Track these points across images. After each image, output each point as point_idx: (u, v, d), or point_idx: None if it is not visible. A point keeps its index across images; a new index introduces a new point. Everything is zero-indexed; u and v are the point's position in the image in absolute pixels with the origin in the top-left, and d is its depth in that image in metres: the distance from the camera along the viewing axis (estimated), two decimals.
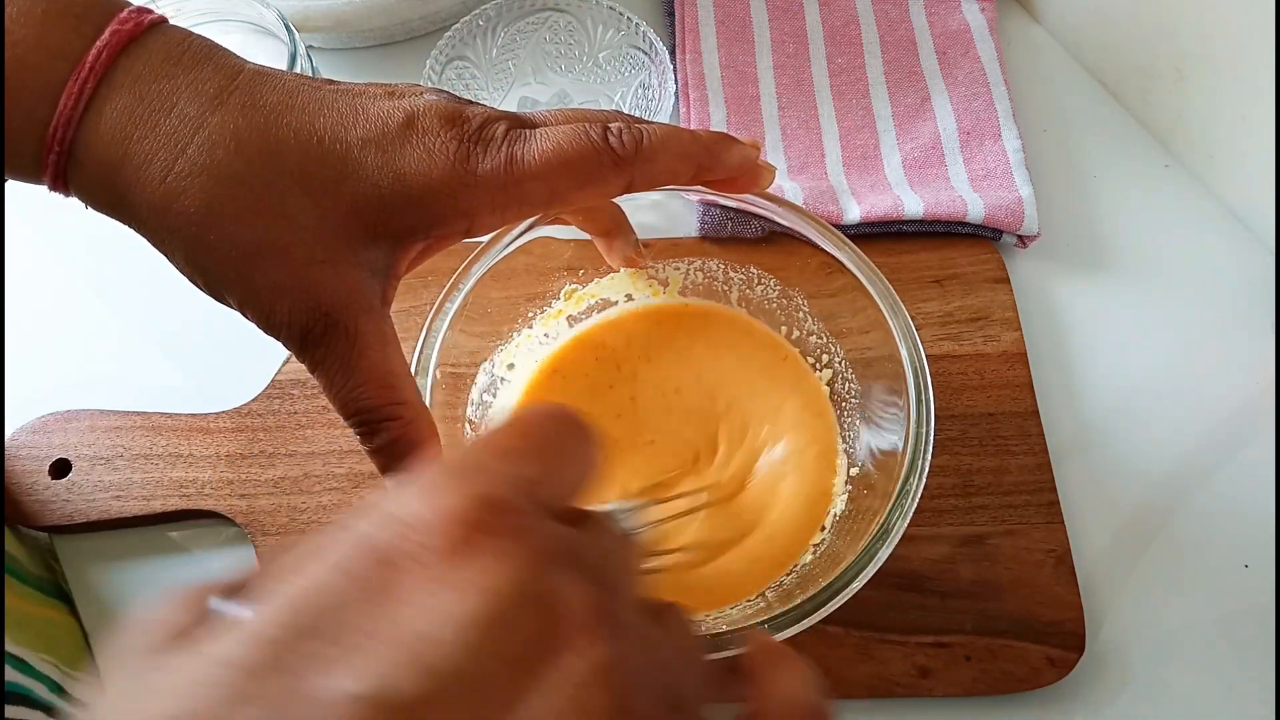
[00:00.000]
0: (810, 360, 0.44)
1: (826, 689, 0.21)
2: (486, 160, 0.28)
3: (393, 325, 0.30)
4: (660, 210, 0.45)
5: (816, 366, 0.44)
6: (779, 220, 0.40)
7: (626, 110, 0.53)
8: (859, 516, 0.37)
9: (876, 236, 0.49)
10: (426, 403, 0.35)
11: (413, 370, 0.35)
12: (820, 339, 0.43)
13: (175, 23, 0.29)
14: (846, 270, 0.39)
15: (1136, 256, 0.50)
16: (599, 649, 0.16)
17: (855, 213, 0.49)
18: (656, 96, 0.53)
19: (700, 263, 0.45)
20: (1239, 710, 0.39)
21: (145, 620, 0.16)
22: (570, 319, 0.45)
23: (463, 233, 0.30)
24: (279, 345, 0.29)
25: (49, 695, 0.38)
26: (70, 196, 0.29)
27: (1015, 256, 0.50)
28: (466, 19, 0.54)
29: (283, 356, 0.47)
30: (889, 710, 0.39)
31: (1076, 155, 0.54)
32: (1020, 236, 0.49)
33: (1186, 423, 0.45)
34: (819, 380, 0.43)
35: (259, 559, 0.42)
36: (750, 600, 0.38)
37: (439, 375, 0.38)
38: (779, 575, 0.39)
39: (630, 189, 0.31)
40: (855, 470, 0.40)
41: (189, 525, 0.44)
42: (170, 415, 0.45)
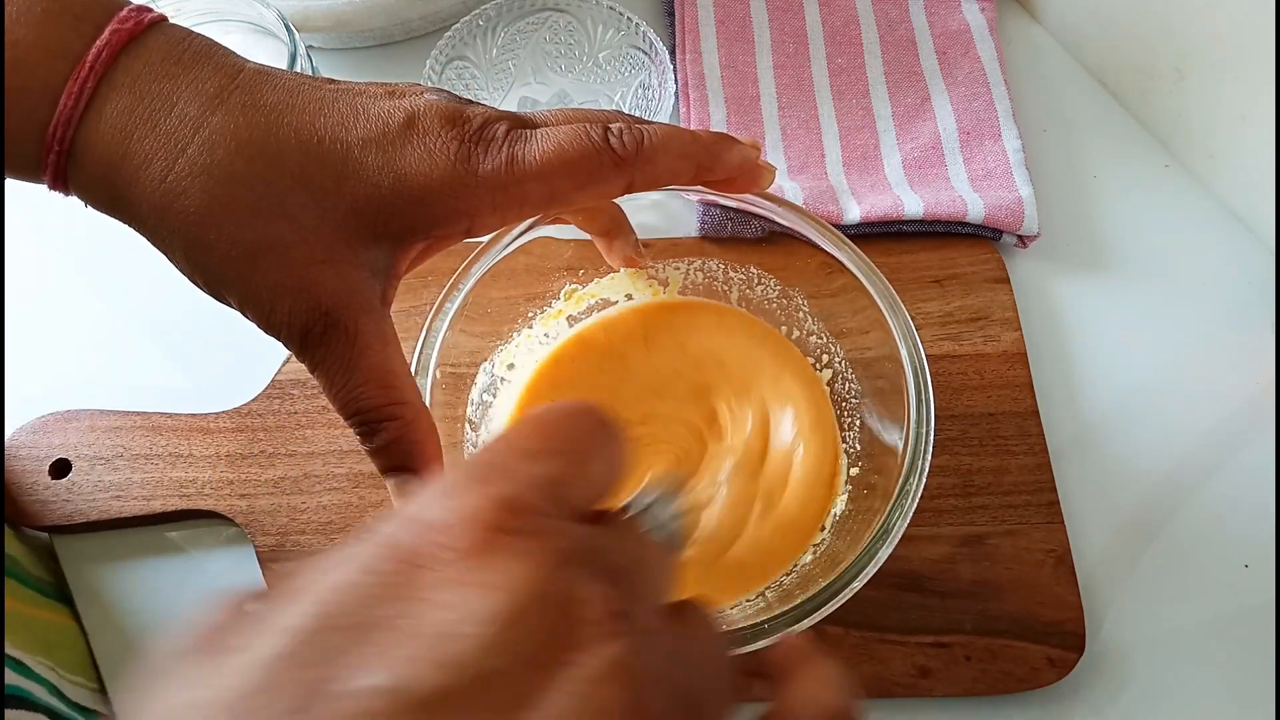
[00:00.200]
0: (810, 360, 0.44)
1: (857, 689, 0.21)
2: (487, 160, 0.28)
3: (393, 325, 0.30)
4: (660, 210, 0.45)
5: (816, 366, 0.44)
6: (779, 220, 0.40)
7: (626, 110, 0.53)
8: (859, 516, 0.37)
9: (876, 236, 0.49)
10: (426, 403, 0.35)
11: (413, 370, 0.35)
12: (820, 339, 0.43)
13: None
14: (846, 270, 0.39)
15: (1136, 256, 0.50)
16: (614, 648, 0.16)
17: (855, 213, 0.49)
18: (656, 96, 0.53)
19: (700, 263, 0.45)
20: (1239, 710, 0.39)
21: (185, 625, 0.16)
22: (570, 319, 0.45)
23: (463, 233, 0.30)
24: (279, 345, 0.29)
25: (49, 698, 0.38)
26: (70, 196, 0.29)
27: (1015, 256, 0.50)
28: (466, 19, 0.54)
29: (283, 356, 0.47)
30: (889, 710, 0.39)
31: (1076, 155, 0.54)
32: (1020, 236, 0.49)
33: (1186, 423, 0.45)
34: (819, 380, 0.43)
35: (262, 566, 0.42)
36: (750, 600, 0.38)
37: (439, 375, 0.38)
38: (779, 575, 0.39)
39: (631, 189, 0.31)
40: (855, 470, 0.40)
41: (189, 525, 0.44)
42: (170, 415, 0.45)
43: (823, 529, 0.40)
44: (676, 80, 0.55)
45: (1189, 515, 0.43)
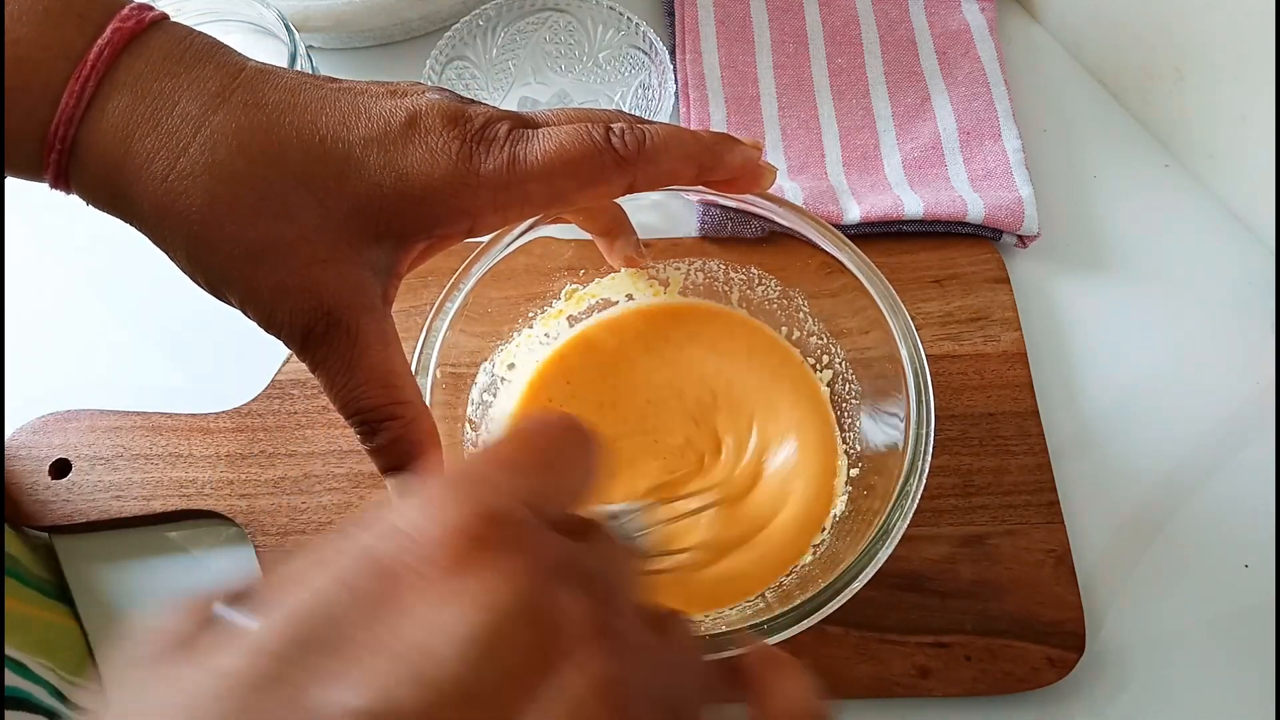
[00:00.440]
0: (810, 361, 0.44)
1: (825, 692, 0.21)
2: (489, 160, 0.28)
3: (394, 325, 0.30)
4: (660, 210, 0.46)
5: (817, 367, 0.44)
6: (779, 220, 0.40)
7: (627, 110, 0.53)
8: (859, 517, 0.37)
9: (876, 236, 0.49)
10: (427, 402, 0.35)
11: (413, 370, 0.35)
12: (820, 339, 0.43)
13: None
14: (846, 270, 0.39)
15: (1136, 256, 0.50)
16: (597, 662, 0.16)
17: (855, 213, 0.49)
18: (656, 96, 0.53)
19: (701, 263, 0.45)
20: (1239, 710, 0.39)
21: (150, 629, 0.16)
22: (571, 319, 0.45)
23: (465, 232, 0.30)
24: (279, 345, 0.29)
25: (49, 700, 0.38)
26: (71, 194, 0.28)
27: (1015, 256, 0.50)
28: (466, 19, 0.54)
29: (283, 356, 0.47)
30: (889, 710, 0.39)
31: (1076, 155, 0.54)
32: (1020, 236, 0.49)
33: (1186, 423, 0.45)
34: (819, 381, 0.43)
35: (262, 566, 0.42)
36: (750, 601, 0.38)
37: (439, 375, 0.38)
38: (779, 576, 0.39)
39: (632, 189, 0.31)
40: (855, 471, 0.40)
41: (189, 525, 0.44)
42: (170, 415, 0.45)
43: (823, 530, 0.40)
44: (676, 80, 0.55)
45: (1189, 515, 0.43)
